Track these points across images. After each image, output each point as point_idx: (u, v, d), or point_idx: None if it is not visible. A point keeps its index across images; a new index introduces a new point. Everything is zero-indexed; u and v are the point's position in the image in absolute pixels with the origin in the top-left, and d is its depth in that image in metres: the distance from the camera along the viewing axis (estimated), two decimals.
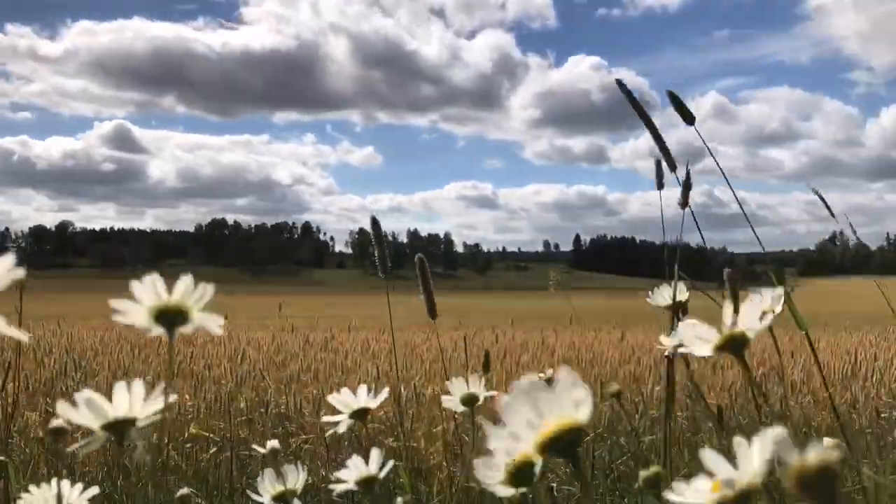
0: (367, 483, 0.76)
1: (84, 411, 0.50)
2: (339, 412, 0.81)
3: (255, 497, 0.79)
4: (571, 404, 0.35)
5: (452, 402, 0.92)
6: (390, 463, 0.76)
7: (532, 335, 6.26)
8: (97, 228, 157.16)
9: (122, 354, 3.99)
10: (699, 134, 1.04)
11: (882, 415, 2.72)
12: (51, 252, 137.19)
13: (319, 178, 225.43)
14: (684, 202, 1.11)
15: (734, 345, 0.51)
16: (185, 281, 0.49)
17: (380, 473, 0.76)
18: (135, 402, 0.51)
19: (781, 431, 0.34)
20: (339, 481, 0.77)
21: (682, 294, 0.94)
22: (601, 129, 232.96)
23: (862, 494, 0.79)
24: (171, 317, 0.48)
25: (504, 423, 0.36)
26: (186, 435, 2.50)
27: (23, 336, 0.41)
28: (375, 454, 0.76)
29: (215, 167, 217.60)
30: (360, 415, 0.81)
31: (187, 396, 2.83)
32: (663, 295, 0.93)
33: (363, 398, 0.81)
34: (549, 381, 0.36)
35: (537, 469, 0.50)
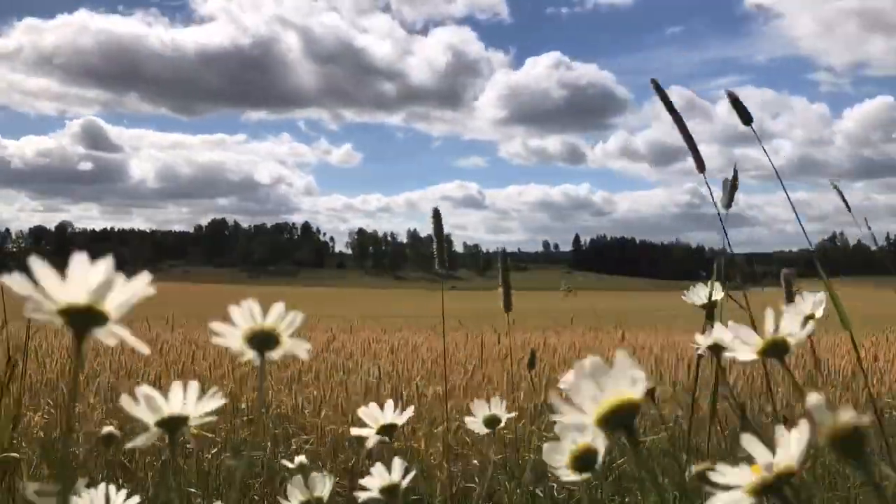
0: (390, 491, 0.77)
1: (142, 407, 0.53)
2: (366, 426, 0.83)
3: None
4: (628, 382, 0.39)
5: (476, 424, 0.93)
6: (412, 473, 0.77)
7: (534, 336, 6.27)
8: (97, 229, 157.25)
9: (122, 356, 3.99)
10: (755, 132, 1.04)
11: (884, 414, 2.73)
12: (50, 252, 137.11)
13: (300, 177, 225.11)
14: (728, 203, 1.10)
15: (776, 350, 0.53)
16: (277, 307, 0.50)
17: (402, 481, 0.77)
18: (188, 401, 0.54)
19: (819, 397, 0.38)
20: (363, 489, 0.77)
21: (718, 294, 0.94)
22: (572, 127, 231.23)
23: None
24: (263, 340, 0.50)
25: (570, 400, 0.40)
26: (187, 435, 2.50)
27: (144, 347, 0.42)
28: (398, 463, 0.77)
29: (193, 167, 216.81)
30: (387, 430, 0.82)
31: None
32: (699, 294, 0.93)
33: (390, 414, 0.82)
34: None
35: (600, 456, 0.53)
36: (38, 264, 0.37)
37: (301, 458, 0.93)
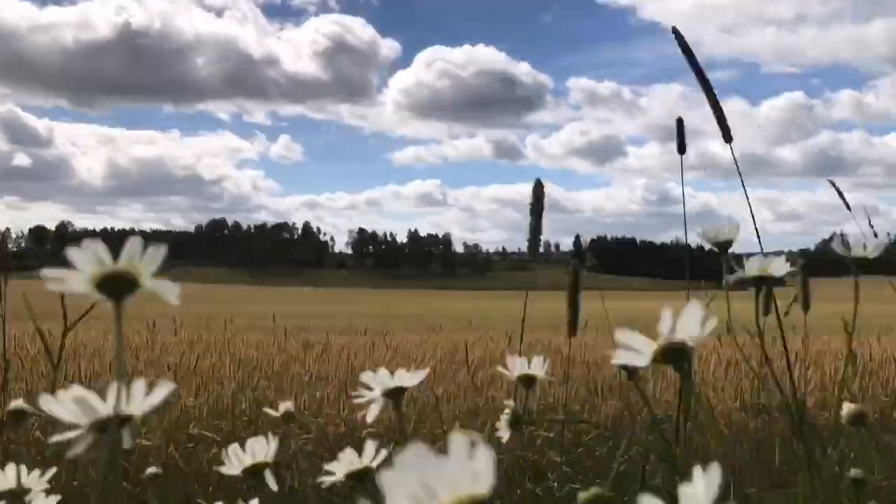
0: (359, 476, 0.72)
1: (71, 407, 0.44)
2: (370, 390, 0.75)
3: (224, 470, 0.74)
4: (468, 476, 0.27)
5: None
6: (383, 453, 0.73)
7: (538, 334, 6.26)
8: (97, 228, 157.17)
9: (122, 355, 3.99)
10: (732, 152, 1.02)
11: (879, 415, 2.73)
12: (50, 252, 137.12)
13: (250, 173, 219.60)
14: (681, 147, 1.07)
15: (674, 356, 0.47)
16: (132, 243, 0.40)
17: (373, 465, 0.72)
18: (132, 399, 0.45)
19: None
20: (328, 474, 0.72)
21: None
22: (494, 121, 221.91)
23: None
24: (116, 284, 0.40)
25: None
26: (187, 435, 2.50)
27: (174, 299, 0.41)
28: (371, 445, 0.72)
29: (137, 164, 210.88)
30: (395, 394, 0.74)
31: (190, 399, 2.83)
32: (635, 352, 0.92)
33: (400, 377, 0.75)
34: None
35: None
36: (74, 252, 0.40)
37: (287, 405, 0.88)
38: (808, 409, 2.80)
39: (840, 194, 1.30)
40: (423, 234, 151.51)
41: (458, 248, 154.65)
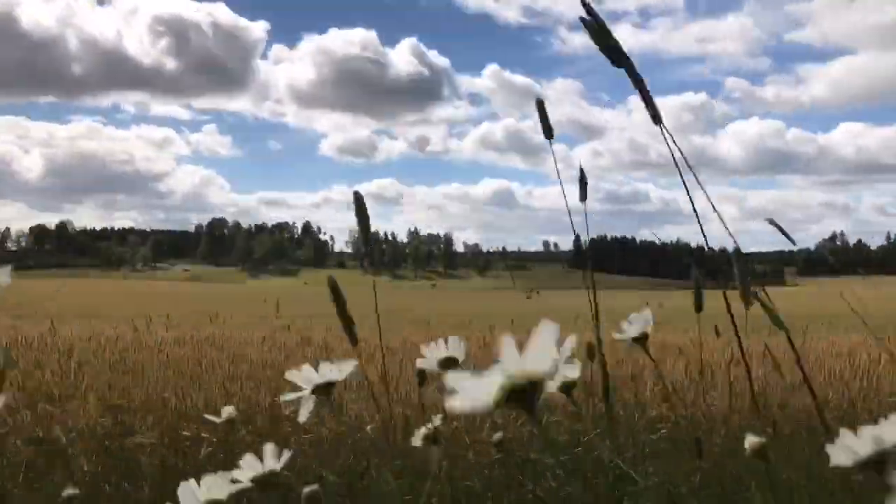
0: (264, 482, 0.69)
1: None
2: (299, 389, 0.74)
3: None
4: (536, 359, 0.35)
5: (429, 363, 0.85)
6: (287, 455, 0.71)
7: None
8: (97, 228, 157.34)
9: (121, 355, 3.98)
10: (666, 132, 1.01)
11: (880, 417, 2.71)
12: (50, 252, 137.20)
13: (192, 170, 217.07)
14: (583, 196, 1.08)
15: (523, 398, 0.35)
16: None
17: (277, 467, 0.71)
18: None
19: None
20: (235, 482, 0.70)
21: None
22: (401, 114, 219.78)
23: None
24: None
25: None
26: (183, 434, 2.49)
27: None
28: (270, 448, 0.71)
29: (75, 159, 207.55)
30: (323, 390, 0.73)
31: (186, 396, 2.83)
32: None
33: (327, 372, 0.73)
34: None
35: None
36: None
37: (230, 410, 0.87)
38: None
39: (782, 230, 1.29)
40: (423, 233, 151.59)
41: (459, 248, 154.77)
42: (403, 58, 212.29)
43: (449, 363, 0.86)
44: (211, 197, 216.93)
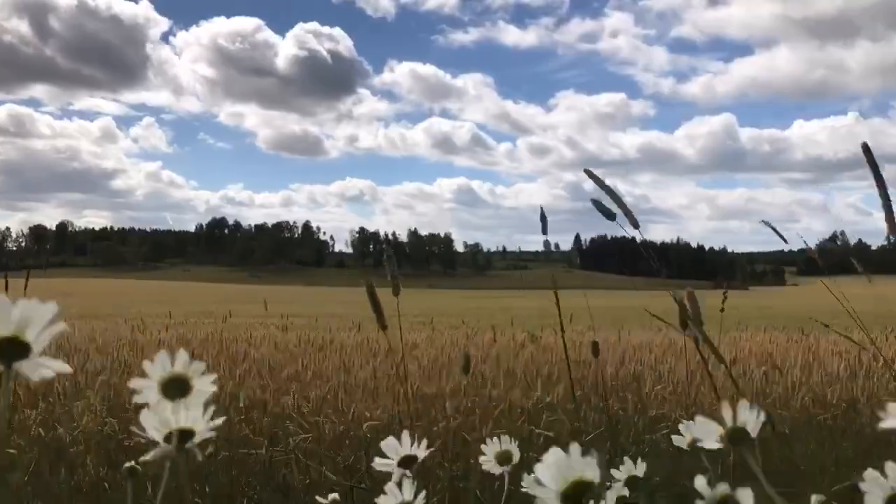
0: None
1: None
2: (388, 458, 0.82)
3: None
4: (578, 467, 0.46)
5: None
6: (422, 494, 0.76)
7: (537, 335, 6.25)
8: (97, 228, 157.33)
9: (121, 353, 3.99)
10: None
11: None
12: (50, 251, 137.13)
13: (142, 168, 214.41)
14: (544, 229, 1.09)
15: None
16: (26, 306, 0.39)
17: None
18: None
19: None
20: None
21: None
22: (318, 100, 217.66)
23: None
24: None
25: None
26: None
27: (66, 368, 0.40)
28: (407, 484, 0.76)
29: (21, 156, 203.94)
30: (408, 462, 0.82)
31: None
32: None
33: (408, 446, 0.83)
34: None
35: None
36: None
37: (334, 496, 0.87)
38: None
39: (775, 230, 1.30)
40: (423, 233, 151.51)
41: (459, 248, 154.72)
42: (293, 49, 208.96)
43: None
44: (174, 194, 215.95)
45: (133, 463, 0.57)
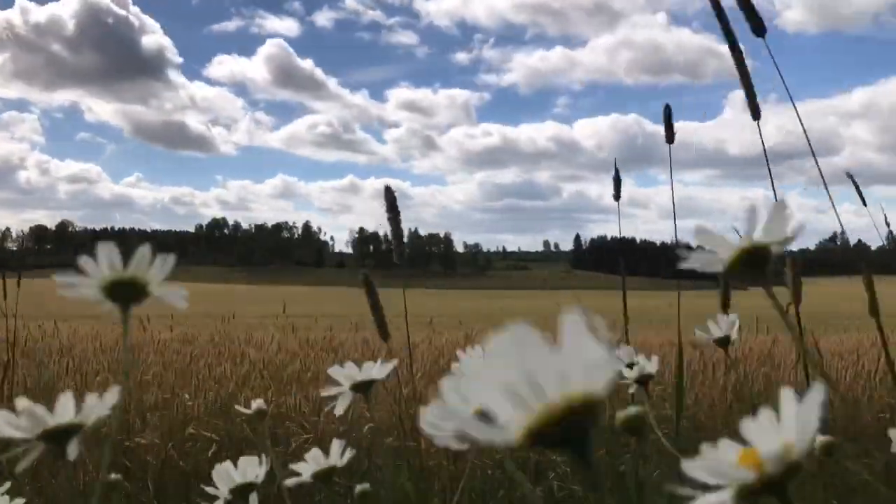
0: (325, 476, 0.71)
1: (21, 421, 0.43)
2: (338, 384, 0.74)
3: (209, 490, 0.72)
4: (581, 368, 0.22)
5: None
6: (349, 452, 0.72)
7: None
8: (97, 228, 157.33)
9: (122, 354, 3.98)
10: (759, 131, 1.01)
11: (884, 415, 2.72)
12: (51, 252, 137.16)
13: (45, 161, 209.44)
14: (617, 194, 1.08)
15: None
16: (142, 251, 0.42)
17: (340, 462, 0.73)
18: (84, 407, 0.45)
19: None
20: (294, 474, 0.72)
21: None
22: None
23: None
24: (126, 289, 0.42)
25: (470, 387, 0.22)
26: (186, 434, 2.50)
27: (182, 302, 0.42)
28: (336, 445, 0.72)
29: None
30: (362, 387, 0.74)
31: (188, 396, 2.83)
32: None
33: (369, 370, 0.74)
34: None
35: None
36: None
37: (259, 402, 0.86)
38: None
39: (858, 190, 1.27)
40: (423, 233, 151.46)
41: (459, 248, 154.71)
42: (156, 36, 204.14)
43: None
44: (99, 191, 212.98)
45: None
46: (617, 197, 1.08)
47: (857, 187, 1.19)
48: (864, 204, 1.24)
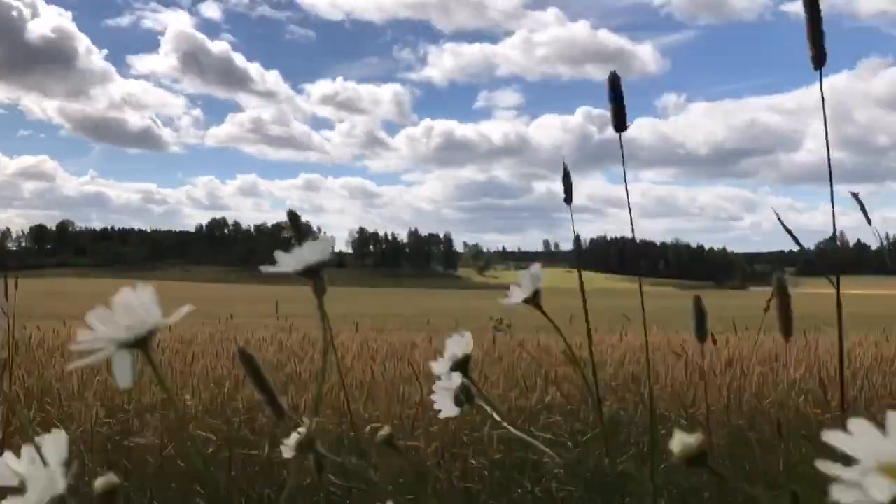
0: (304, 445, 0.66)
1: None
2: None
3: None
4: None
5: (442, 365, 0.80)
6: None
7: (529, 336, 6.26)
8: (97, 228, 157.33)
9: None
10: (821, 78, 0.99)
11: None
12: (51, 251, 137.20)
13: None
14: (568, 198, 1.06)
15: None
16: (327, 240, 0.54)
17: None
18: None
19: None
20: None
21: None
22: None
23: None
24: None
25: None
26: (186, 434, 2.50)
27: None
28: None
29: None
30: (461, 365, 0.78)
31: (187, 396, 2.83)
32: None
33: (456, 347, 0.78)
34: None
35: None
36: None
37: (386, 430, 0.80)
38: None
39: (860, 204, 1.26)
40: (423, 233, 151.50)
41: (459, 248, 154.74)
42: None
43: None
44: (65, 189, 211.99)
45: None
46: (568, 200, 1.05)
47: (862, 209, 1.18)
48: (870, 223, 1.22)
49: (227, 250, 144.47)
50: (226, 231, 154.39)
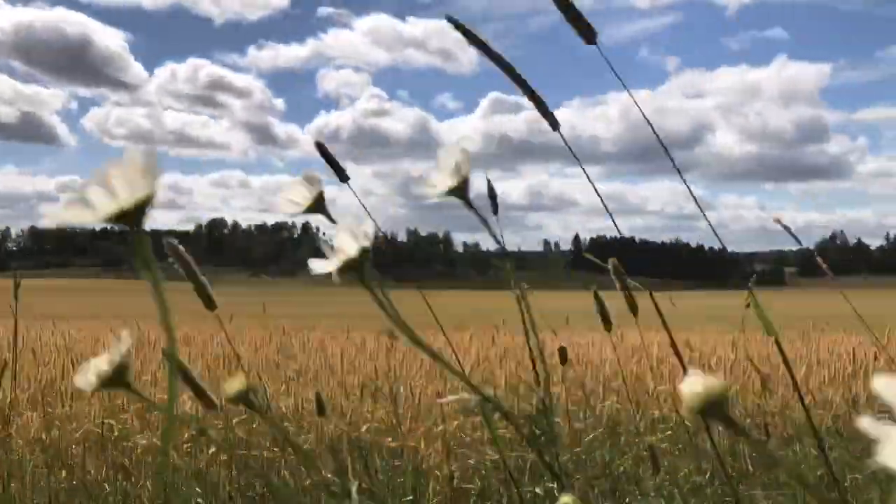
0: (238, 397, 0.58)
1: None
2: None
3: None
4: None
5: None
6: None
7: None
8: (97, 228, 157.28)
9: None
10: (564, 139, 0.98)
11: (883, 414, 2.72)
12: (51, 251, 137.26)
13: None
14: (495, 209, 1.06)
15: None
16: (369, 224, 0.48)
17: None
18: None
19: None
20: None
21: None
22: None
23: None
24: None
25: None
26: (186, 435, 2.50)
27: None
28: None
29: None
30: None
31: (187, 397, 2.83)
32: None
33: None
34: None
35: None
36: None
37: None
38: None
39: (787, 230, 1.29)
40: (423, 233, 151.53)
41: (459, 248, 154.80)
42: None
43: None
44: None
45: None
46: (495, 210, 1.06)
47: (791, 233, 1.21)
48: (799, 243, 1.26)
49: (227, 251, 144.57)
50: (225, 231, 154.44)
